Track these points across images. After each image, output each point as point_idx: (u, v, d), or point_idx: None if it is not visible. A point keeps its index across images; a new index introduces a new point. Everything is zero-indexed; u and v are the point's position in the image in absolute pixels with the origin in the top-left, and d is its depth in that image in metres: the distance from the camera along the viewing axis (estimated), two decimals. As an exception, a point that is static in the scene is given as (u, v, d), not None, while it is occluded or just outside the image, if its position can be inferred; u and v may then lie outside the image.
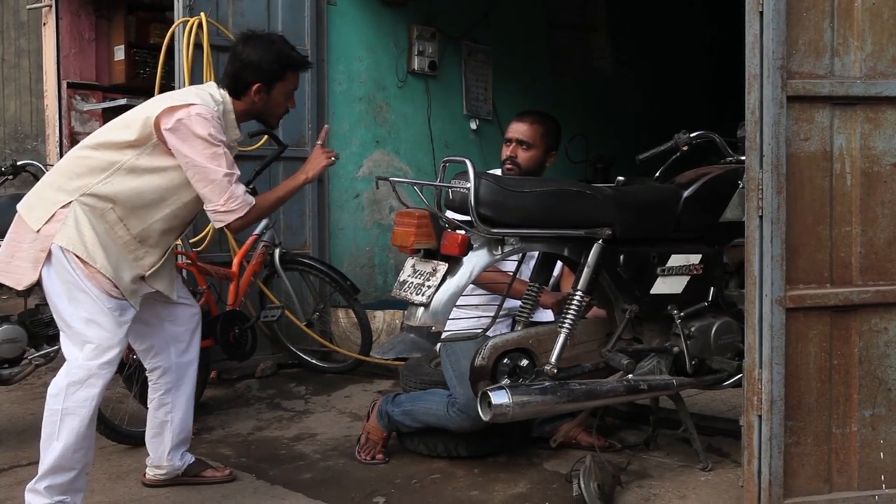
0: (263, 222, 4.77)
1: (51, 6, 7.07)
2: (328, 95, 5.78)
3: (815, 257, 2.77)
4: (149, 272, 3.06)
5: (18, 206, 3.02)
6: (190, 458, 3.44)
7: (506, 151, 3.76)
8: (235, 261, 4.67)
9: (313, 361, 5.24)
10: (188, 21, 4.87)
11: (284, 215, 5.41)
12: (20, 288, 2.99)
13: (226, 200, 2.96)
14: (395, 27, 6.27)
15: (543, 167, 3.78)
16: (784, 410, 2.74)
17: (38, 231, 2.91)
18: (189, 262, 4.42)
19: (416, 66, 6.36)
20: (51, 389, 2.90)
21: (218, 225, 3.04)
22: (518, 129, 3.74)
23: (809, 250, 2.76)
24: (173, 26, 4.94)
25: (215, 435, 4.14)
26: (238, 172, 3.00)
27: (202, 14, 4.90)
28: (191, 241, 4.72)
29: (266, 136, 4.99)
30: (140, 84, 7.12)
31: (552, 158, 3.80)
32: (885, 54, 2.79)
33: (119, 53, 7.27)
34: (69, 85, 7.10)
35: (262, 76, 3.08)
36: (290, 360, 5.31)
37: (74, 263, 2.88)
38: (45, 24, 7.19)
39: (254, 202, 3.02)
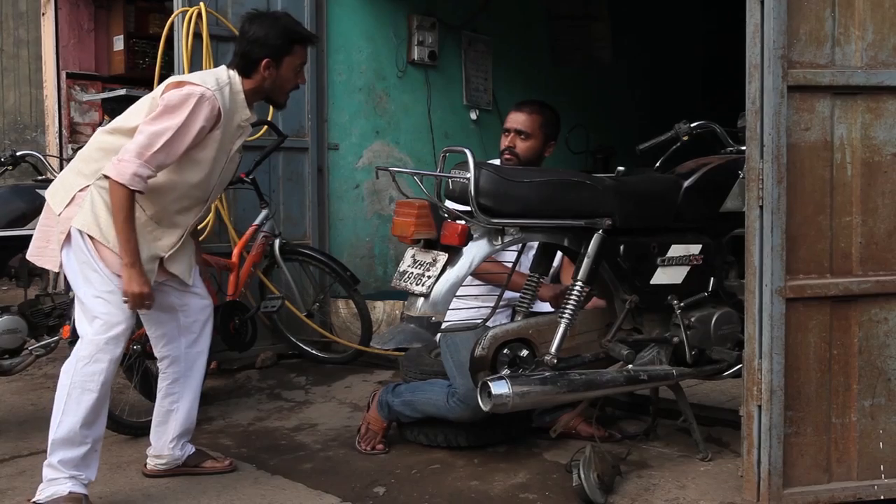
0: (263, 212, 4.77)
1: (50, -4, 7.05)
2: (328, 86, 5.77)
3: (815, 247, 2.77)
4: (168, 253, 3.12)
5: (46, 192, 3.13)
6: (190, 449, 3.45)
7: (504, 141, 3.75)
8: (235, 251, 4.67)
9: (313, 352, 5.25)
10: (187, 11, 4.86)
11: (284, 206, 5.41)
12: (56, 270, 3.13)
13: (119, 162, 2.88)
14: (395, 17, 6.26)
15: (542, 157, 3.78)
16: (784, 400, 2.74)
17: (59, 214, 3.03)
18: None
19: (415, 57, 6.35)
20: (64, 365, 3.00)
21: (105, 171, 2.94)
22: (517, 119, 3.74)
23: (810, 240, 2.76)
24: (172, 16, 4.93)
25: (216, 425, 4.14)
26: (161, 161, 2.92)
27: (201, 4, 4.89)
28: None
29: (265, 127, 5.01)
30: (139, 74, 7.11)
31: (551, 148, 3.80)
32: (886, 44, 2.78)
33: (118, 43, 7.26)
34: (68, 75, 7.08)
35: (269, 51, 3.13)
36: (291, 351, 5.32)
37: (89, 244, 2.98)
38: (44, 14, 7.17)
39: (126, 192, 2.87)
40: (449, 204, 3.09)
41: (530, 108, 3.76)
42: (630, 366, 3.20)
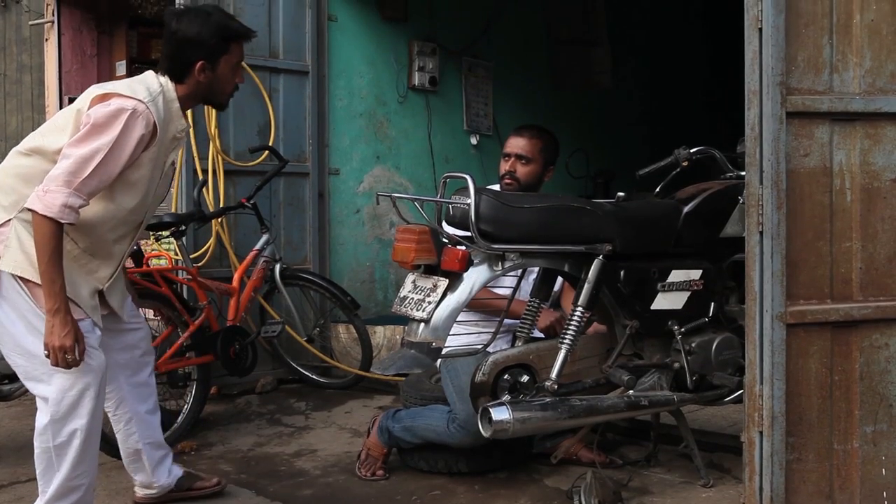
0: (264, 237, 4.78)
1: (53, 22, 7.10)
2: (329, 111, 5.79)
3: (815, 273, 2.77)
4: (106, 285, 2.86)
5: None
6: (178, 472, 3.34)
7: (504, 166, 3.77)
8: (236, 276, 4.67)
9: (314, 377, 5.23)
10: (189, 37, 4.88)
11: (285, 230, 5.42)
12: None
13: (45, 193, 2.54)
14: (396, 43, 6.30)
15: (542, 182, 3.80)
16: (785, 426, 2.74)
17: None
18: (189, 277, 4.42)
19: (416, 82, 6.37)
20: (36, 427, 2.75)
21: (29, 204, 2.58)
22: (516, 144, 3.76)
23: (810, 266, 2.77)
24: (175, 42, 4.95)
25: (215, 451, 4.12)
26: (94, 187, 2.61)
27: (203, 30, 4.90)
28: (191, 256, 4.72)
29: (266, 152, 5.03)
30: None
31: (550, 173, 3.81)
32: (883, 70, 2.80)
33: (121, 69, 7.29)
34: (71, 100, 7.09)
35: (204, 52, 2.82)
36: (291, 376, 5.30)
37: (25, 288, 2.66)
38: (47, 39, 7.22)
39: (54, 227, 2.54)
40: (449, 229, 3.09)
41: (530, 132, 3.78)
42: (631, 391, 3.19)
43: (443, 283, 2.98)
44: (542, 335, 3.62)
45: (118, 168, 2.66)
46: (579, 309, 3.12)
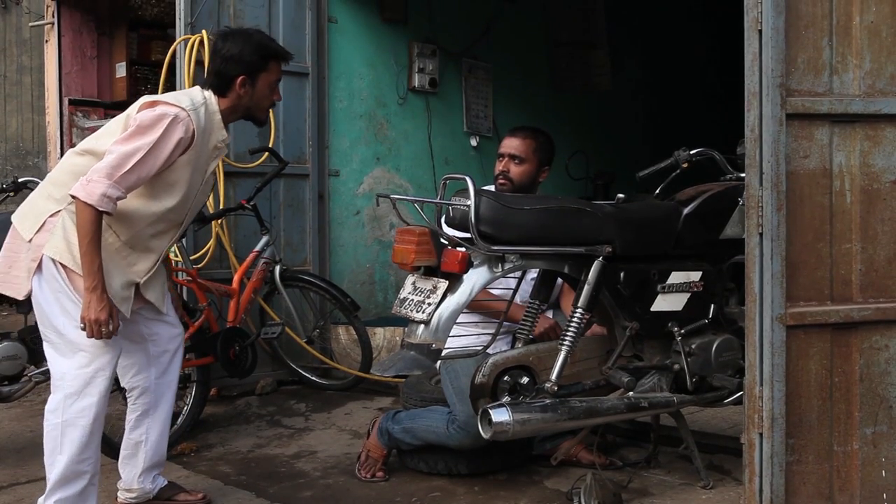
0: (264, 238, 4.78)
1: (53, 24, 7.11)
2: (329, 112, 5.79)
3: (815, 274, 2.77)
4: (143, 279, 3.04)
5: (13, 216, 3.05)
6: (162, 482, 3.37)
7: (498, 166, 3.76)
8: (236, 277, 4.67)
9: (313, 378, 5.23)
10: (189, 38, 4.89)
11: (285, 232, 5.42)
12: (20, 298, 3.00)
13: (88, 183, 2.78)
14: (396, 44, 6.30)
15: (536, 182, 3.78)
16: (785, 428, 2.73)
17: (29, 241, 2.93)
18: (189, 278, 4.42)
19: (416, 83, 6.38)
20: (48, 405, 2.92)
21: (72, 191, 2.81)
22: (510, 144, 3.75)
23: (809, 267, 2.77)
24: (175, 44, 4.96)
25: (215, 452, 4.12)
26: (132, 182, 2.84)
27: (203, 32, 4.91)
28: (191, 257, 4.72)
29: (266, 153, 5.03)
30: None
31: (545, 174, 3.80)
32: (883, 72, 2.80)
33: (121, 70, 7.30)
34: (71, 102, 7.12)
35: (244, 68, 3.07)
36: (291, 377, 5.30)
37: (62, 273, 2.89)
38: (47, 41, 7.23)
39: (94, 213, 2.76)
40: (449, 231, 3.09)
41: (524, 133, 3.77)
42: (631, 393, 3.19)
43: (443, 284, 2.98)
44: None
45: (156, 167, 2.89)
46: (579, 310, 3.12)
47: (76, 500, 2.92)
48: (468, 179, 2.96)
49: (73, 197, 2.80)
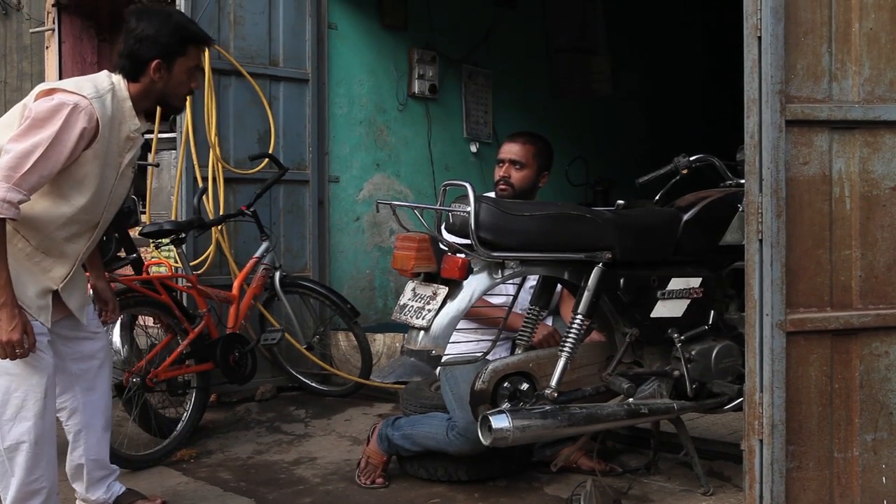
0: (264, 245, 4.78)
1: (54, 30, 7.12)
2: (329, 118, 5.80)
3: (815, 281, 2.77)
4: (61, 285, 2.82)
5: None
6: (119, 489, 3.26)
7: (498, 172, 3.76)
8: (236, 284, 4.67)
9: (313, 385, 5.23)
10: (190, 45, 4.89)
11: (285, 238, 5.42)
12: None
13: None
14: (396, 51, 6.31)
15: (536, 188, 3.78)
16: (785, 434, 2.73)
17: None
18: (189, 284, 4.42)
19: (416, 90, 6.38)
20: None
21: None
22: (510, 150, 3.76)
23: (809, 274, 2.77)
24: (175, 50, 4.96)
25: (214, 458, 4.12)
26: (34, 182, 2.59)
27: (204, 38, 4.91)
28: (191, 263, 4.72)
29: (266, 160, 5.03)
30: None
31: (545, 179, 3.80)
32: (882, 79, 2.80)
33: (121, 76, 7.30)
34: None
35: (160, 51, 2.80)
36: (290, 384, 5.30)
37: None
38: (47, 47, 7.24)
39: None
40: (449, 237, 3.09)
41: (523, 138, 3.78)
42: (631, 399, 3.19)
43: (442, 290, 2.98)
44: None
45: (59, 164, 2.64)
46: (579, 317, 3.12)
47: None
48: (468, 186, 2.96)
49: None
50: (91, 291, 3.25)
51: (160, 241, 4.61)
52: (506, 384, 3.09)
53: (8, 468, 2.77)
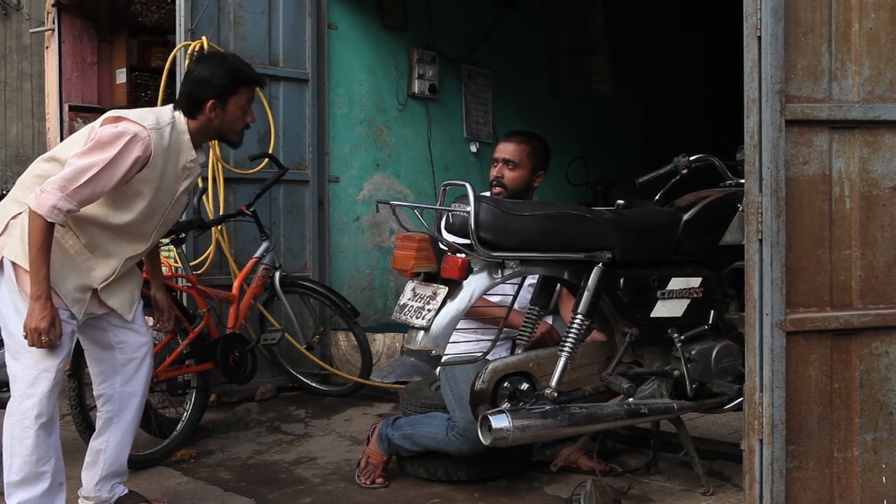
0: (264, 245, 4.78)
1: (53, 30, 7.11)
2: (329, 118, 5.80)
3: (814, 280, 2.77)
4: (101, 285, 3.05)
5: None
6: (122, 491, 3.31)
7: (493, 172, 3.74)
8: (236, 284, 4.67)
9: (313, 384, 5.23)
10: (190, 45, 4.90)
11: (285, 238, 5.42)
12: None
13: (41, 193, 2.80)
14: (396, 51, 6.31)
15: (531, 188, 3.74)
16: (785, 434, 2.73)
17: None
18: (189, 284, 4.42)
19: (416, 90, 6.38)
20: (6, 409, 2.96)
21: (27, 199, 2.86)
22: (504, 149, 3.73)
23: (809, 274, 2.77)
24: (175, 50, 4.97)
25: (214, 458, 4.12)
26: (85, 196, 2.85)
27: (203, 38, 4.92)
28: (191, 263, 4.72)
29: (266, 160, 5.03)
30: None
31: (540, 179, 3.76)
32: (882, 79, 2.80)
33: (121, 76, 7.30)
34: (71, 108, 7.12)
35: (214, 91, 3.07)
36: (290, 384, 5.30)
37: (16, 273, 2.92)
38: (47, 47, 7.23)
39: (44, 223, 2.78)
40: (449, 237, 3.09)
41: (518, 137, 3.75)
42: (631, 399, 3.19)
43: (442, 290, 2.98)
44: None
45: (111, 183, 2.89)
46: (579, 316, 3.12)
47: (41, 501, 2.92)
48: (468, 185, 2.96)
49: (33, 210, 2.81)
50: (151, 300, 3.55)
51: (160, 241, 4.60)
52: (506, 384, 3.09)
53: (11, 446, 2.90)
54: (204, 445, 4.28)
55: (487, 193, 3.68)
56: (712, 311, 3.37)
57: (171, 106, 3.13)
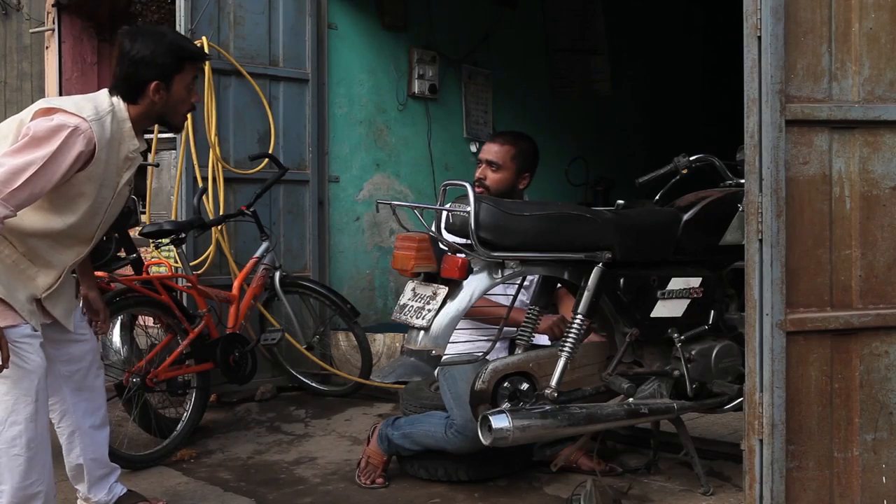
0: (264, 245, 4.78)
1: (53, 30, 7.12)
2: (329, 118, 5.79)
3: (815, 280, 2.77)
4: (44, 294, 2.82)
5: None
6: (121, 490, 3.25)
7: (476, 172, 3.71)
8: (236, 284, 4.67)
9: (313, 384, 5.23)
10: (190, 45, 4.89)
11: (285, 238, 5.42)
12: None
13: None
14: (396, 51, 6.31)
15: (516, 190, 3.66)
16: (785, 434, 2.73)
17: None
18: (189, 284, 4.42)
19: (416, 90, 6.38)
20: None
21: None
22: (489, 150, 3.67)
23: (809, 274, 2.77)
24: (175, 50, 4.96)
25: (214, 458, 4.12)
26: (23, 199, 2.58)
27: (203, 38, 4.92)
28: (191, 264, 4.72)
29: (266, 160, 5.04)
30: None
31: (525, 181, 3.69)
32: (882, 79, 2.80)
33: (121, 76, 7.30)
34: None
35: (157, 72, 2.80)
36: (290, 384, 5.30)
37: None
38: (47, 47, 7.24)
39: None
40: (449, 237, 3.09)
41: (503, 139, 3.68)
42: (631, 399, 3.19)
43: (442, 290, 2.98)
44: (541, 343, 3.61)
45: (51, 184, 2.64)
46: (579, 316, 3.12)
47: None
48: (468, 185, 2.96)
49: None
50: (82, 301, 3.24)
51: (160, 241, 4.61)
52: (506, 384, 3.09)
53: (4, 473, 2.75)
54: (204, 445, 4.28)
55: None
56: (712, 311, 3.37)
57: (106, 91, 2.84)
